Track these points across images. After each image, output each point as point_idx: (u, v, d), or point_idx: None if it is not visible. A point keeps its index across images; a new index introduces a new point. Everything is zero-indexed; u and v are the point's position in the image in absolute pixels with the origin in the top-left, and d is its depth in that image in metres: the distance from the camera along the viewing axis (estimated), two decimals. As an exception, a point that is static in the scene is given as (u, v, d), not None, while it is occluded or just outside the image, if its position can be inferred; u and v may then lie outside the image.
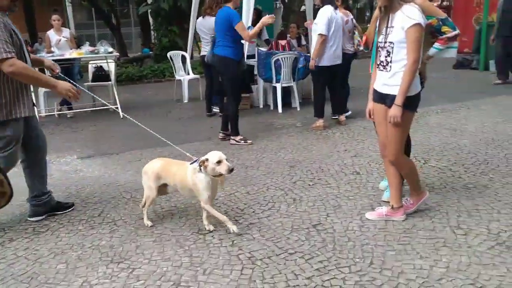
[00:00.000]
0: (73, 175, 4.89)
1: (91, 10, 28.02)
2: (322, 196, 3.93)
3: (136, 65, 15.61)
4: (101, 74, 8.50)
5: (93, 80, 8.59)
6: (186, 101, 9.12)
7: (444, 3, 28.88)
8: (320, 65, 6.19)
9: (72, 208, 3.93)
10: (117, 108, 7.81)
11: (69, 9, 25.00)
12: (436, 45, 3.53)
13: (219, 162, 3.14)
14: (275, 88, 7.72)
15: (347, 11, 6.53)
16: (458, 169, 4.42)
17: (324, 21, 6.00)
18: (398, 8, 3.00)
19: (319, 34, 6.05)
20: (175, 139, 6.12)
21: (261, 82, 8.15)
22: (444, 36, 3.47)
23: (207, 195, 3.26)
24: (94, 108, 8.31)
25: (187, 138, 6.21)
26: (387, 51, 3.09)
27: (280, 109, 7.63)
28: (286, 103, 7.93)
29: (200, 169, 3.19)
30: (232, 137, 5.88)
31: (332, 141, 5.73)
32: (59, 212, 3.85)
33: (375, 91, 3.30)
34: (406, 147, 3.63)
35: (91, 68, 8.82)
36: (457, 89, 8.81)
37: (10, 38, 3.24)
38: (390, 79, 3.11)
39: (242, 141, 5.74)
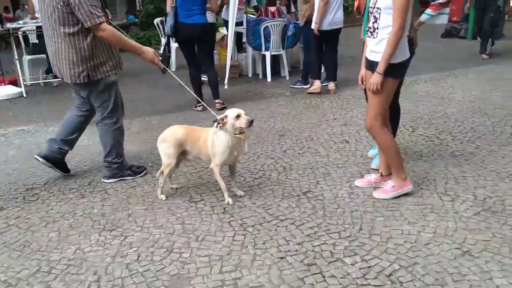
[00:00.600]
0: (62, 144, 4.84)
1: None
2: (312, 164, 3.97)
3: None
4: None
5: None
6: (174, 69, 9.00)
7: (434, -30, 28.59)
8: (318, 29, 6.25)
9: (144, 172, 3.92)
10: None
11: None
12: (428, 11, 3.51)
13: (238, 116, 3.10)
14: (264, 56, 7.65)
15: None
16: (446, 137, 4.48)
17: None
18: None
19: None
20: (164, 107, 6.11)
21: (250, 50, 8.06)
22: (436, 1, 3.45)
23: (222, 158, 3.21)
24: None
25: (176, 107, 6.18)
26: (374, 17, 3.03)
27: (269, 78, 7.59)
28: (275, 71, 7.88)
29: (220, 127, 3.15)
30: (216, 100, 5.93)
31: (321, 110, 5.74)
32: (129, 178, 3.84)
33: (366, 58, 3.28)
34: (395, 115, 3.66)
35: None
36: (446, 58, 8.83)
37: (96, 1, 3.32)
38: (376, 45, 3.06)
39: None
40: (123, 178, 3.81)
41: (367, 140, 4.46)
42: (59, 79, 7.87)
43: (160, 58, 3.77)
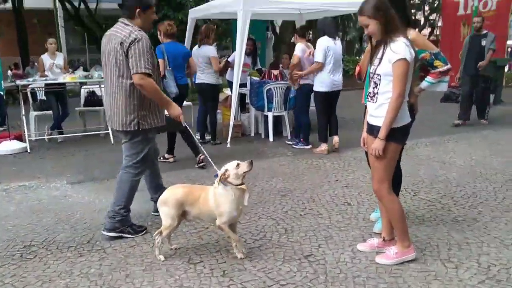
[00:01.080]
0: (63, 201, 4.84)
1: (84, 35, 28.22)
2: (313, 226, 3.94)
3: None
4: (93, 99, 8.50)
5: (85, 105, 8.60)
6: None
7: (432, 37, 29.62)
8: (320, 90, 6.54)
9: (144, 232, 3.92)
10: (108, 133, 7.81)
11: (62, 34, 25.22)
12: (429, 78, 3.58)
13: (237, 165, 3.18)
14: (266, 116, 7.79)
15: (309, 44, 7.04)
16: (448, 201, 4.47)
17: (321, 49, 6.39)
18: (388, 42, 3.04)
19: (315, 61, 6.46)
20: (164, 166, 6.13)
21: (252, 110, 8.22)
22: (436, 70, 3.52)
23: (229, 213, 3.21)
24: (85, 133, 8.29)
25: (179, 165, 6.21)
26: (375, 83, 3.11)
27: (271, 138, 7.67)
28: (277, 132, 7.99)
29: (222, 183, 3.20)
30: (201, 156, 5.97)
31: (323, 171, 5.77)
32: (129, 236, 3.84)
33: (367, 122, 3.33)
34: (397, 179, 3.66)
35: (83, 92, 8.83)
36: (445, 122, 8.94)
37: (151, 58, 3.65)
38: (376, 110, 3.12)
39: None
40: (123, 234, 3.80)
41: (369, 203, 4.45)
42: (64, 135, 8.01)
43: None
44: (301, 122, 7.12)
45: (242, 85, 8.09)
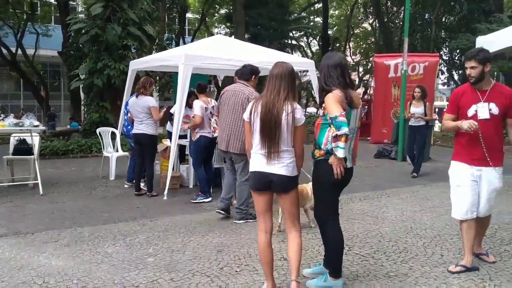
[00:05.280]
0: (-21, 257, 4.46)
1: (20, 80, 27.35)
2: (249, 283, 3.85)
3: (63, 139, 15.10)
4: (23, 148, 8.07)
5: (14, 153, 8.14)
6: (112, 178, 8.84)
7: (366, 96, 31.34)
8: None
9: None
10: (37, 183, 7.42)
11: (-5, 78, 24.31)
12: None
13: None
14: (205, 169, 7.72)
15: (209, 99, 7.24)
16: (380, 257, 4.55)
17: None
18: None
19: None
20: (97, 219, 5.88)
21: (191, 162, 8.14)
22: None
23: None
24: (12, 183, 7.82)
25: (111, 218, 5.95)
26: None
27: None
28: (216, 184, 7.92)
29: None
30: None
31: (260, 225, 5.72)
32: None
33: None
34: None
35: (12, 140, 8.37)
36: (378, 178, 9.28)
37: None
38: None
39: None
40: (247, 220, 5.69)
41: (304, 258, 4.43)
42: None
43: None
44: (198, 175, 7.11)
45: (183, 136, 8.06)
